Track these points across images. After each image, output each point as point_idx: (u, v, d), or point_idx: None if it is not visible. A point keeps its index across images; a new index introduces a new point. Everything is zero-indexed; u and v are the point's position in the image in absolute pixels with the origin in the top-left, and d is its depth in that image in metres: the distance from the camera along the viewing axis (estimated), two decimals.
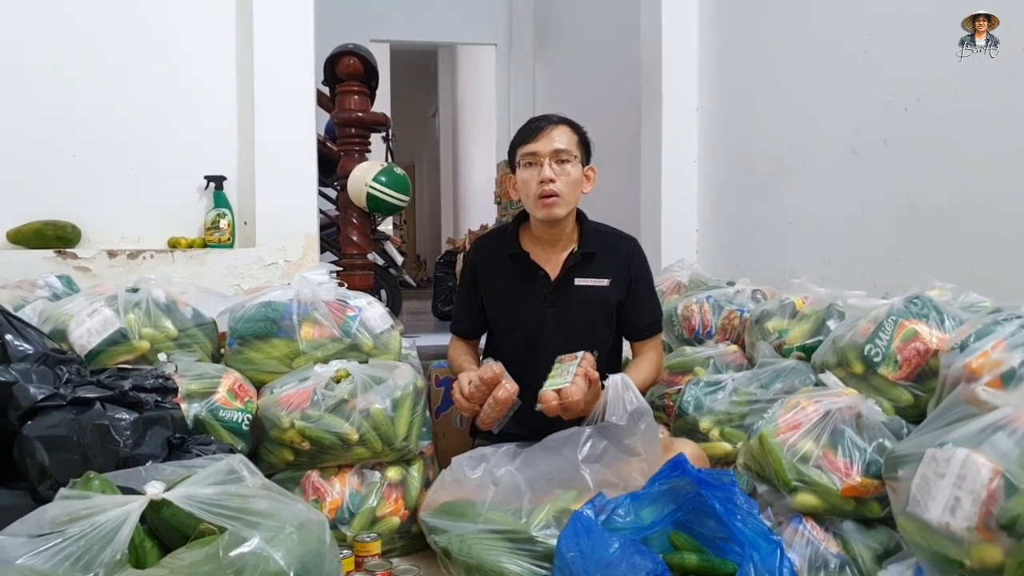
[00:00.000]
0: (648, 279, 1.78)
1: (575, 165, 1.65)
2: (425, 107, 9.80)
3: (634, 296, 1.73)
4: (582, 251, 1.70)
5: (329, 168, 2.99)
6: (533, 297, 1.71)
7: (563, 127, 1.66)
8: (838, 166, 2.13)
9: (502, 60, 5.63)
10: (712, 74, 2.79)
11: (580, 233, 1.74)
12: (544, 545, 1.36)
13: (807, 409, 1.39)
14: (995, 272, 1.62)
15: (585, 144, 1.70)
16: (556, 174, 1.62)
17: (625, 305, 1.73)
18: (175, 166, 2.43)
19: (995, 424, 1.00)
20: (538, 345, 1.69)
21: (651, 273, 1.80)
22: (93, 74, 2.36)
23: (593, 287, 1.70)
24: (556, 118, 1.69)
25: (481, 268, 1.78)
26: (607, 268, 1.72)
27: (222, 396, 1.59)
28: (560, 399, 1.45)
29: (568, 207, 1.66)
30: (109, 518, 0.99)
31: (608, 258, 1.72)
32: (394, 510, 1.64)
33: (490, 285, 1.76)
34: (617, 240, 1.77)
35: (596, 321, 1.72)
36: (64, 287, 2.00)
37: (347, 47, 2.71)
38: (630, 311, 1.73)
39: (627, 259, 1.73)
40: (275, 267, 2.41)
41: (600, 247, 1.72)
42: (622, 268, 1.72)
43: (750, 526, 1.18)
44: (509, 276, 1.73)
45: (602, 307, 1.71)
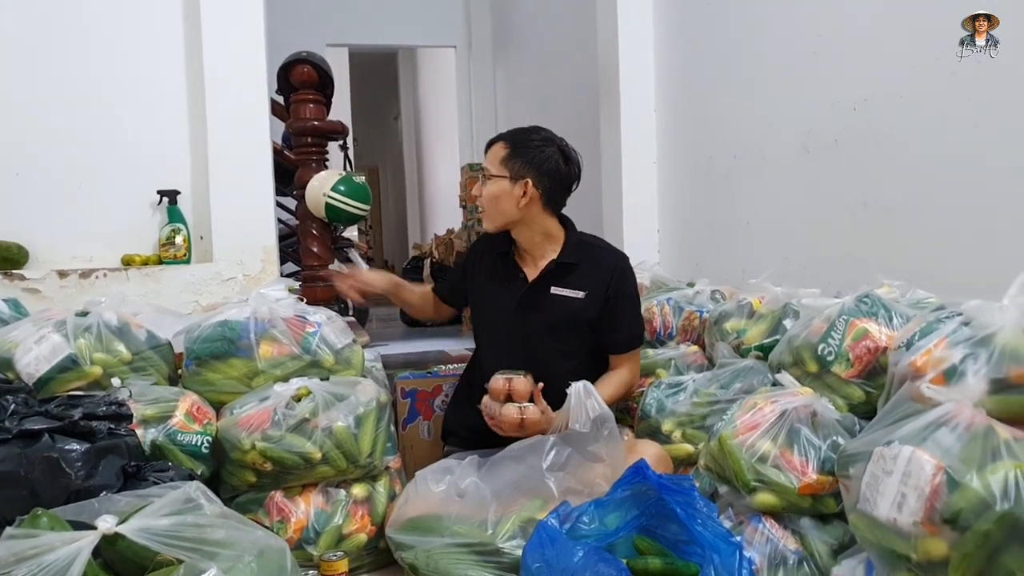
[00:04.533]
0: (630, 297, 1.79)
1: (494, 182, 1.71)
2: (387, 110, 9.72)
3: (612, 312, 1.74)
4: (560, 261, 1.73)
5: (287, 178, 2.95)
6: (508, 297, 1.75)
7: (496, 145, 1.74)
8: (791, 166, 2.18)
9: (462, 62, 5.61)
10: (669, 75, 2.82)
11: (564, 243, 1.77)
12: (511, 556, 1.37)
13: (764, 409, 1.42)
14: (941, 268, 1.68)
15: (520, 156, 1.70)
16: (480, 190, 1.74)
17: (602, 320, 1.74)
18: (126, 181, 2.37)
19: (938, 420, 1.03)
20: (510, 345, 1.74)
21: (636, 291, 1.81)
22: (37, 87, 2.29)
23: (568, 298, 1.73)
24: (502, 134, 1.76)
25: (475, 259, 1.88)
26: (585, 281, 1.73)
27: (179, 420, 1.55)
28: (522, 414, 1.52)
29: (492, 221, 1.74)
30: (58, 557, 0.96)
31: (588, 271, 1.74)
32: (360, 527, 1.63)
33: (477, 278, 1.85)
34: (602, 254, 1.78)
35: (567, 332, 1.74)
36: (12, 311, 1.94)
37: (300, 55, 2.67)
38: (607, 326, 1.75)
39: (608, 275, 1.74)
40: (233, 282, 2.37)
41: (581, 258, 1.74)
42: (601, 283, 1.73)
43: (710, 529, 1.20)
44: (493, 273, 1.81)
45: (573, 319, 1.73)
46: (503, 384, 1.56)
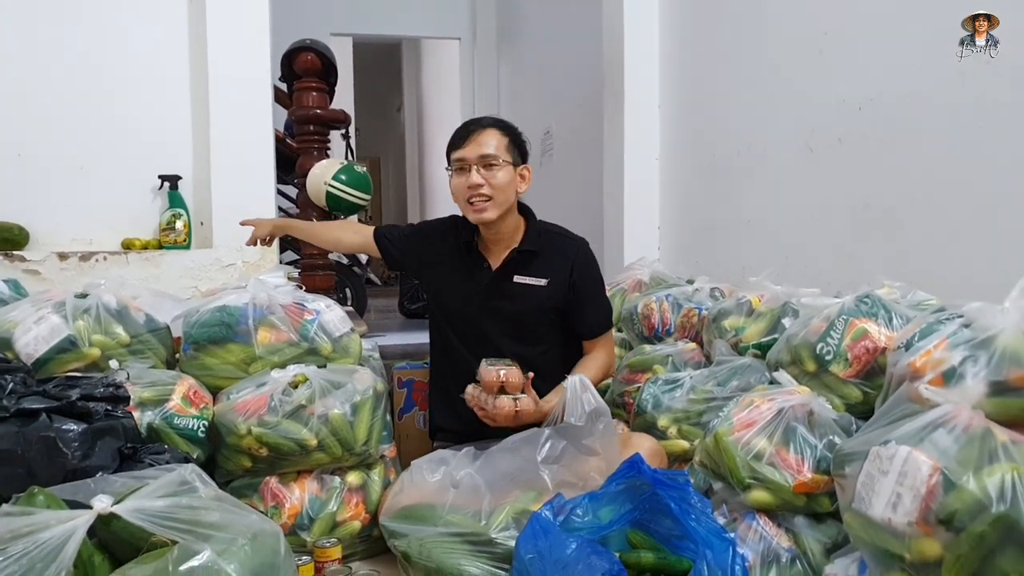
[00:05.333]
0: (594, 281, 1.80)
1: (503, 168, 1.67)
2: (390, 101, 9.69)
3: (577, 298, 1.75)
4: (522, 249, 1.74)
5: (288, 166, 2.94)
6: (473, 286, 1.75)
7: (491, 131, 1.68)
8: (794, 164, 2.17)
9: (466, 54, 5.59)
10: (673, 71, 2.82)
11: (525, 231, 1.77)
12: (504, 547, 1.37)
13: (761, 407, 1.41)
14: (943, 270, 1.67)
15: (517, 145, 1.71)
16: (484, 179, 1.65)
17: (569, 306, 1.75)
18: (128, 165, 2.37)
19: (935, 422, 1.03)
20: (476, 335, 1.73)
21: (599, 275, 1.82)
22: (40, 70, 2.28)
23: (531, 286, 1.74)
24: (487, 121, 1.71)
25: (432, 244, 1.83)
26: (547, 269, 1.74)
27: (176, 403, 1.55)
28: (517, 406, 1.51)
29: (499, 209, 1.69)
30: (53, 535, 0.96)
31: (550, 259, 1.75)
32: (354, 514, 1.63)
33: (437, 267, 1.80)
34: (563, 242, 1.79)
35: (533, 319, 1.75)
36: (11, 291, 1.93)
37: (304, 43, 2.66)
38: (575, 312, 1.76)
39: (569, 261, 1.75)
40: (233, 268, 2.37)
41: (543, 247, 1.75)
42: (563, 270, 1.74)
43: (704, 525, 1.20)
44: (455, 263, 1.78)
45: (538, 306, 1.74)
46: (496, 376, 1.54)
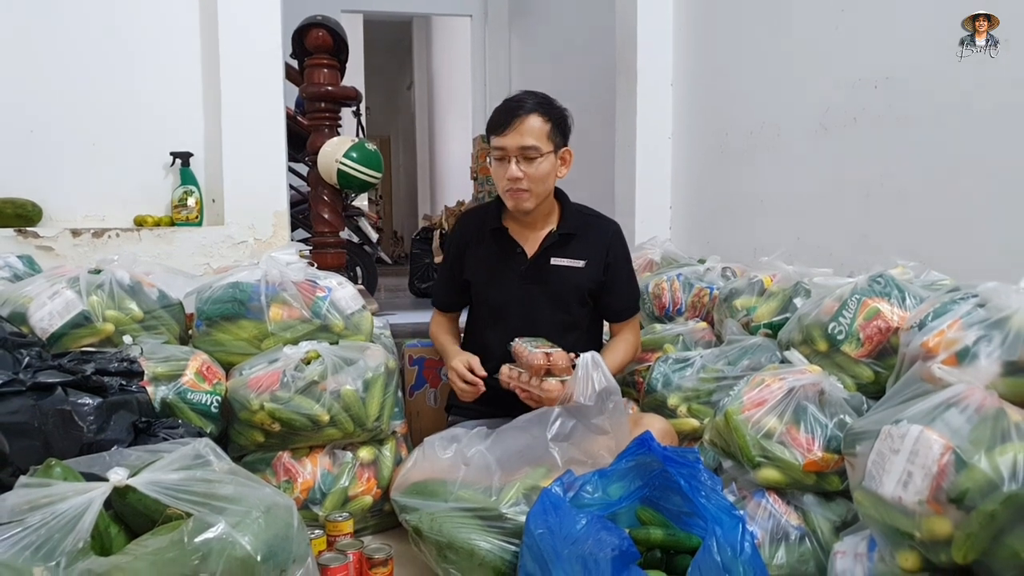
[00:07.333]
0: (626, 263, 1.79)
1: (544, 158, 1.63)
2: (400, 79, 9.64)
3: (611, 279, 1.75)
4: (560, 232, 1.72)
5: (300, 143, 2.93)
6: (510, 273, 1.74)
7: (533, 117, 1.61)
8: (808, 143, 2.15)
9: (477, 32, 5.54)
10: (686, 50, 2.78)
11: (560, 213, 1.76)
12: (514, 522, 1.38)
13: (772, 386, 1.41)
14: (957, 251, 1.65)
15: (560, 128, 1.66)
16: (523, 171, 1.62)
17: (602, 288, 1.75)
18: (139, 142, 2.37)
19: (948, 401, 1.03)
20: (513, 320, 1.72)
21: (630, 257, 1.82)
22: (52, 46, 2.28)
23: (568, 267, 1.72)
24: (530, 105, 1.62)
25: (465, 242, 1.81)
26: (584, 250, 1.73)
27: (190, 379, 1.57)
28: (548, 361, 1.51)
29: (538, 198, 1.67)
30: (71, 506, 0.98)
31: (586, 240, 1.74)
32: (366, 489, 1.65)
33: (472, 258, 1.79)
34: (597, 223, 1.78)
35: (570, 301, 1.74)
36: (26, 267, 1.96)
37: (315, 19, 2.64)
38: (607, 294, 1.76)
39: (605, 243, 1.75)
40: (244, 245, 2.38)
41: (579, 229, 1.74)
42: (599, 251, 1.74)
43: (713, 502, 1.20)
44: (489, 251, 1.76)
45: (576, 288, 1.73)
46: (543, 359, 1.52)
